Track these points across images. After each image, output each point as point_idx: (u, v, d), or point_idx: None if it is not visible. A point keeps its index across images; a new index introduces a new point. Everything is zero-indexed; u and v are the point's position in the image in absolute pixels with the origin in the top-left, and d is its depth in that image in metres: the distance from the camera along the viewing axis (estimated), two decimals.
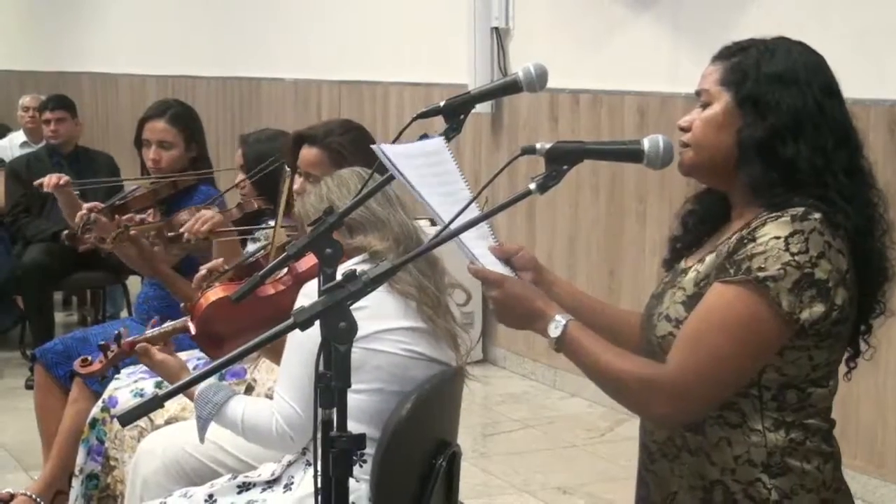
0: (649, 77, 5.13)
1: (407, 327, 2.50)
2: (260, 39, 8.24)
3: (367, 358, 2.45)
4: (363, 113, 7.03)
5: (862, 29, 4.20)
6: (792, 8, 4.44)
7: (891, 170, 4.02)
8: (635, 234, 5.18)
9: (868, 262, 1.98)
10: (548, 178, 2.00)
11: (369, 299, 2.39)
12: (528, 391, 5.68)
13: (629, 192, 5.22)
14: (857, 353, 2.08)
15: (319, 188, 2.68)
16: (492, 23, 5.94)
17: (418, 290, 2.51)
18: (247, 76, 8.33)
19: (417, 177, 2.05)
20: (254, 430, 2.50)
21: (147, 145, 4.13)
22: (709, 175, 2.06)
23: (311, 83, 7.52)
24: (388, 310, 2.48)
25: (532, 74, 2.16)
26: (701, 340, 1.91)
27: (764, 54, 2.00)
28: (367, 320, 2.42)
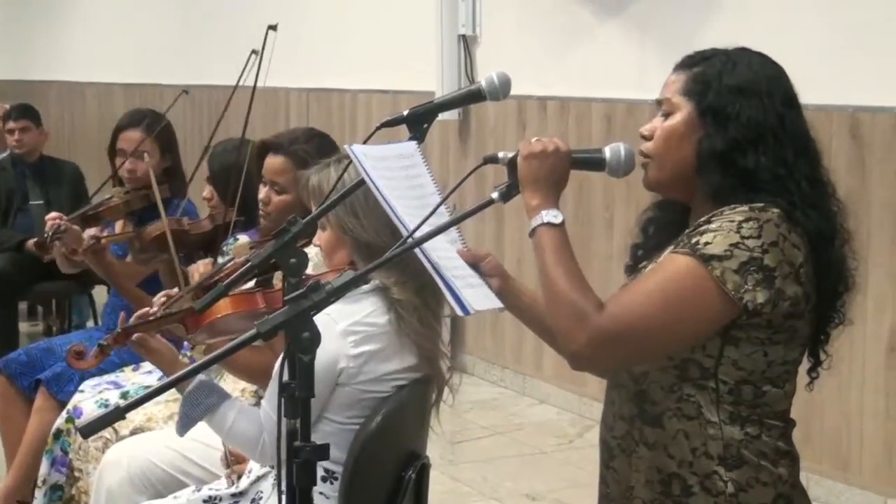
0: (616, 84, 5.16)
1: (406, 367, 2.49)
2: (227, 47, 8.22)
3: (363, 399, 2.44)
4: (331, 120, 7.03)
5: (824, 35, 4.24)
6: (758, 15, 4.47)
7: (853, 176, 4.06)
8: (603, 241, 5.21)
9: (828, 270, 2.00)
10: (510, 187, 2.02)
11: (379, 341, 2.41)
12: (497, 398, 5.68)
13: (596, 199, 5.24)
14: (817, 362, 2.10)
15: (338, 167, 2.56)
16: (459, 30, 5.96)
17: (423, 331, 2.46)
18: (214, 84, 8.30)
19: (386, 179, 2.05)
20: (238, 438, 2.46)
21: (122, 155, 4.12)
22: (673, 188, 2.08)
23: (279, 91, 7.50)
24: (393, 351, 2.46)
25: (495, 83, 2.17)
26: (641, 295, 1.93)
27: (726, 65, 2.02)
28: (376, 363, 2.43)
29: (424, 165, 2.17)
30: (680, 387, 2.00)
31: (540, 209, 2.01)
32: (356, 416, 2.44)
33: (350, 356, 2.39)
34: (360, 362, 2.40)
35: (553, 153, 2.02)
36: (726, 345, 1.96)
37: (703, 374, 1.98)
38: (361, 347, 2.40)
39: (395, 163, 2.12)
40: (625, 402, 2.07)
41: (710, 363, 1.97)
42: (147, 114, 4.26)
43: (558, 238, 2.00)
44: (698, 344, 1.96)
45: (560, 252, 1.98)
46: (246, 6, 8.02)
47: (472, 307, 1.99)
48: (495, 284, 2.14)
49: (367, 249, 2.46)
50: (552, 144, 2.03)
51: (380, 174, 2.05)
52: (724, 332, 1.95)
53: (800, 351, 2.05)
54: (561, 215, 2.01)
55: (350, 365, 2.39)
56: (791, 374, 2.04)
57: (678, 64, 2.08)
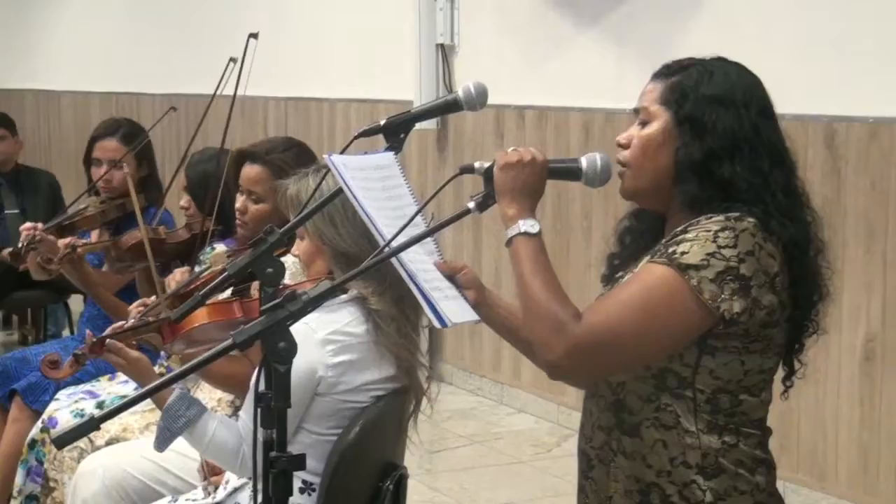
0: (594, 93, 5.17)
1: (384, 377, 2.49)
2: (205, 55, 8.20)
3: (343, 409, 2.44)
4: (310, 129, 7.02)
5: (800, 45, 4.27)
6: (735, 25, 4.50)
7: (828, 186, 4.08)
8: (581, 250, 5.22)
9: (803, 279, 2.01)
10: (487, 196, 2.03)
11: (357, 351, 2.42)
12: (475, 407, 5.68)
13: (575, 207, 5.25)
14: (791, 371, 2.12)
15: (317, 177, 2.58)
16: (437, 39, 5.97)
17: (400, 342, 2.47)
18: (193, 93, 8.29)
19: (364, 190, 2.06)
20: (218, 451, 2.46)
21: (97, 164, 4.10)
22: (650, 198, 2.09)
23: (258, 100, 7.49)
24: (371, 361, 2.46)
25: (472, 93, 2.17)
26: (618, 305, 1.94)
27: (703, 75, 2.03)
28: (354, 373, 2.43)
29: (402, 176, 2.18)
30: (657, 396, 2.00)
31: (517, 219, 2.01)
32: (334, 426, 2.44)
33: (329, 365, 2.39)
34: (338, 371, 2.40)
35: (529, 163, 2.03)
36: (703, 354, 1.97)
37: (680, 383, 1.99)
38: (340, 357, 2.40)
39: (372, 173, 2.12)
40: (602, 412, 2.08)
41: (687, 372, 1.98)
42: (123, 123, 4.25)
43: (535, 248, 2.00)
44: (675, 353, 1.97)
45: (537, 262, 1.99)
46: (224, 15, 8.01)
47: (450, 320, 1.99)
48: (471, 296, 2.15)
49: (345, 259, 2.46)
50: (529, 154, 2.04)
51: (358, 185, 2.05)
52: (701, 341, 1.96)
53: (775, 360, 2.06)
54: (538, 225, 2.01)
55: (329, 374, 2.39)
56: (767, 383, 2.05)
57: (655, 73, 2.09)
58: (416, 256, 2.06)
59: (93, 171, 4.12)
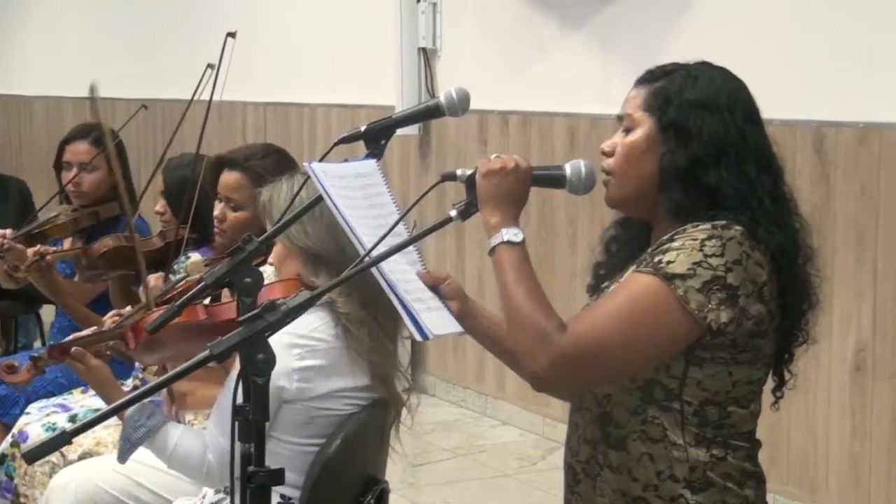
0: (580, 98, 5.19)
1: (359, 386, 2.49)
2: (181, 59, 8.20)
3: (317, 416, 2.45)
4: (289, 135, 7.02)
5: (789, 49, 4.29)
6: (722, 29, 4.52)
7: (817, 192, 4.10)
8: (566, 259, 5.23)
9: (792, 288, 2.02)
10: (469, 204, 2.03)
11: (326, 357, 2.42)
12: (458, 419, 5.68)
13: (560, 215, 5.26)
14: (782, 382, 2.12)
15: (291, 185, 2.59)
16: (419, 43, 5.97)
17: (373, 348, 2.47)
18: (169, 98, 8.28)
19: (345, 198, 2.06)
20: (182, 461, 2.47)
21: (68, 168, 4.09)
22: (635, 206, 2.10)
23: (236, 105, 7.49)
24: (342, 368, 2.47)
25: (454, 99, 2.18)
26: (604, 316, 1.94)
27: (687, 80, 2.04)
28: (324, 379, 2.43)
29: (384, 184, 2.18)
30: (644, 409, 2.01)
31: (499, 227, 2.02)
32: (312, 435, 2.44)
33: (294, 369, 2.39)
34: (305, 376, 2.41)
35: (513, 170, 2.04)
36: (690, 365, 1.98)
37: (667, 395, 1.99)
38: (306, 361, 2.41)
39: (354, 181, 2.13)
40: (588, 425, 2.08)
41: (674, 384, 1.99)
42: (95, 126, 4.23)
43: (519, 257, 2.00)
44: (662, 365, 1.97)
45: (521, 271, 1.99)
46: (200, 19, 8.00)
47: (432, 332, 2.00)
48: (455, 307, 2.15)
49: (310, 257, 2.48)
50: (512, 161, 2.04)
51: (339, 193, 2.06)
52: (688, 352, 1.97)
53: (764, 371, 2.06)
54: (521, 233, 2.02)
55: (294, 379, 2.40)
56: (756, 394, 2.06)
57: (639, 79, 2.10)
58: (398, 266, 2.06)
59: (63, 175, 4.11)
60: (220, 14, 7.75)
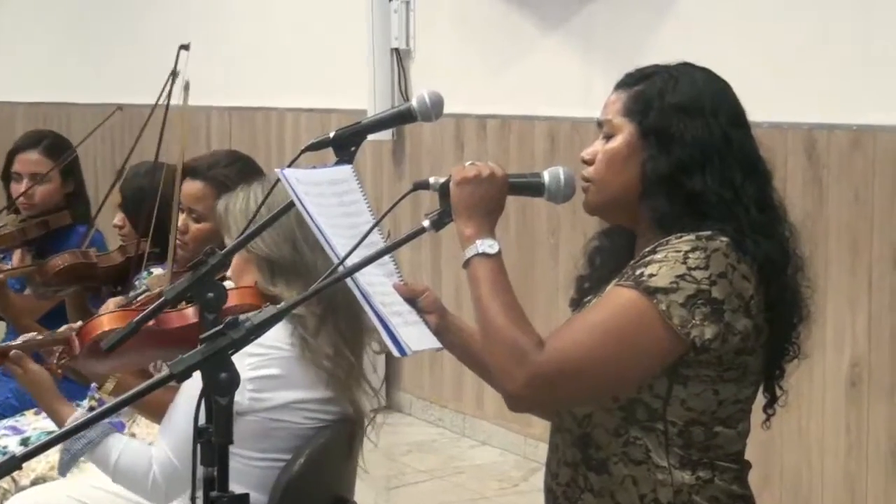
0: (560, 101, 5.20)
1: (318, 398, 2.49)
2: (142, 63, 8.17)
3: (274, 429, 2.44)
4: (256, 141, 7.01)
5: (778, 49, 4.31)
6: (707, 28, 4.53)
7: (809, 198, 4.12)
8: (547, 270, 5.23)
9: (780, 301, 2.02)
10: (443, 214, 2.03)
11: (281, 366, 2.42)
12: (435, 439, 5.67)
13: (540, 223, 5.27)
14: (773, 399, 2.12)
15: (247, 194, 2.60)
16: (392, 43, 5.97)
17: (333, 359, 2.47)
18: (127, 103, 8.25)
19: (319, 206, 2.06)
20: (126, 475, 2.47)
21: (17, 179, 4.06)
22: (615, 213, 2.10)
23: (200, 109, 7.47)
24: (299, 378, 2.47)
25: (427, 103, 2.18)
26: (582, 331, 1.95)
27: (668, 83, 2.05)
28: (279, 390, 2.44)
29: (360, 191, 2.19)
30: (626, 430, 2.01)
31: (474, 238, 2.02)
32: (268, 450, 2.44)
33: (246, 380, 2.39)
34: (259, 386, 2.42)
35: (488, 178, 2.04)
36: (674, 384, 1.98)
37: (650, 415, 1.99)
38: (261, 371, 2.42)
39: (328, 188, 2.13)
40: (568, 448, 2.08)
41: (657, 404, 1.99)
42: (47, 134, 4.21)
43: (494, 269, 2.01)
44: (644, 383, 1.98)
45: (496, 284, 1.99)
46: (163, 20, 7.98)
47: (410, 347, 2.00)
48: (433, 321, 2.15)
49: (267, 265, 2.50)
50: (487, 169, 2.04)
51: (313, 200, 2.06)
52: (672, 370, 1.97)
53: (753, 388, 2.07)
54: (497, 245, 2.02)
55: (247, 388, 2.40)
56: (744, 413, 2.06)
57: (618, 83, 2.11)
58: (374, 279, 2.06)
59: (12, 186, 4.08)
60: (182, 16, 7.74)
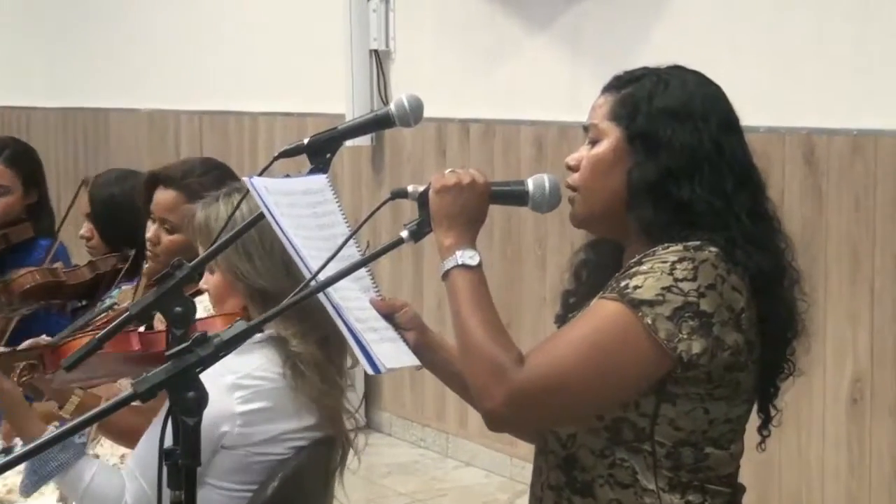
0: (547, 104, 5.21)
1: (305, 426, 2.49)
2: (107, 64, 8.16)
3: (256, 462, 2.44)
4: (228, 147, 6.99)
5: (774, 52, 4.32)
6: (701, 30, 4.55)
7: (809, 206, 4.13)
8: (534, 283, 5.23)
9: (775, 314, 2.02)
10: (422, 224, 2.03)
11: (271, 398, 2.41)
12: (417, 460, 5.67)
13: (527, 234, 5.27)
14: (767, 419, 2.12)
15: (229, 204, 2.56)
16: (370, 45, 5.98)
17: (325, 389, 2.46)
18: (92, 106, 8.23)
19: (290, 217, 2.05)
20: (95, 500, 2.45)
21: None
22: (603, 225, 2.11)
23: (168, 114, 7.46)
24: (288, 409, 2.46)
25: (405, 107, 2.18)
26: (564, 346, 1.95)
27: (657, 86, 2.05)
28: (268, 423, 2.43)
29: (336, 202, 2.18)
30: (612, 451, 2.01)
31: (454, 249, 2.02)
32: (247, 480, 2.44)
33: (236, 414, 2.39)
34: (248, 420, 2.40)
35: (469, 186, 2.04)
36: (662, 402, 1.98)
37: (637, 435, 1.99)
38: (250, 405, 2.40)
39: (301, 198, 2.12)
40: (552, 470, 2.08)
41: (644, 423, 1.99)
42: (8, 142, 4.20)
43: (474, 282, 2.01)
44: (630, 401, 1.98)
45: (476, 298, 1.99)
46: (129, 21, 7.96)
47: (384, 365, 1.99)
48: (412, 338, 2.15)
49: (262, 297, 2.46)
50: (468, 177, 2.05)
51: (284, 211, 2.05)
52: (659, 387, 1.97)
53: (745, 407, 2.06)
54: (478, 256, 2.02)
55: (237, 424, 2.39)
56: (736, 434, 2.06)
57: (606, 85, 2.11)
58: (349, 293, 2.06)
59: None
60: (149, 15, 7.73)
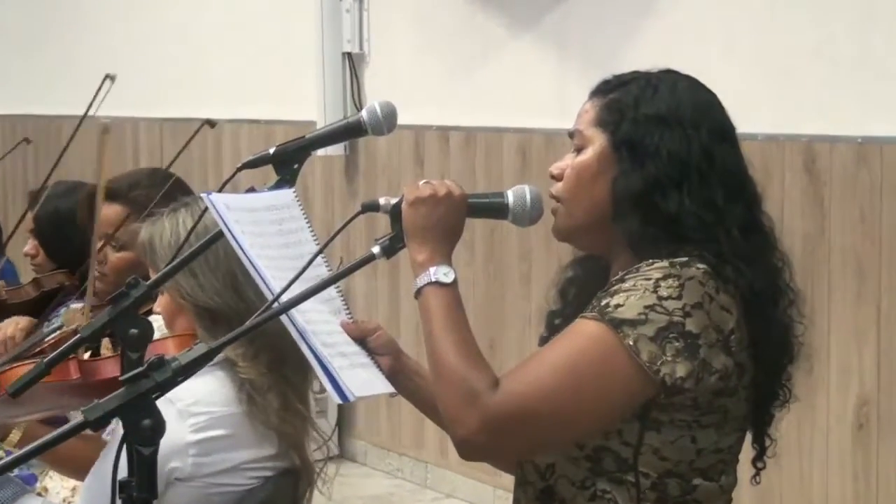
0: (532, 110, 5.22)
1: (266, 455, 2.49)
2: (60, 68, 8.15)
3: (216, 494, 2.43)
4: (191, 157, 6.97)
5: (772, 55, 4.34)
6: (695, 32, 4.56)
7: (810, 220, 4.13)
8: (518, 301, 5.23)
9: (768, 337, 2.03)
10: (394, 239, 2.04)
11: (228, 426, 2.41)
12: (393, 492, 5.67)
13: (510, 249, 5.28)
14: (762, 450, 2.13)
15: (175, 222, 2.58)
16: (343, 47, 5.99)
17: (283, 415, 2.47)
18: (43, 114, 8.22)
19: (253, 236, 2.05)
20: None
21: None
22: (588, 239, 2.12)
23: (126, 121, 7.46)
24: (247, 437, 2.46)
25: (378, 114, 2.19)
26: (541, 369, 1.95)
27: (645, 91, 2.06)
28: (226, 452, 2.43)
29: (304, 218, 2.18)
30: (593, 482, 2.01)
31: (428, 265, 2.03)
32: None
33: (189, 443, 2.39)
34: (203, 450, 2.40)
35: (444, 198, 2.05)
36: (646, 430, 1.98)
37: (620, 465, 1.99)
38: (205, 433, 2.41)
39: (266, 215, 2.12)
40: (531, 502, 2.08)
41: (627, 452, 1.99)
42: None
43: (449, 300, 2.02)
44: (612, 428, 1.98)
45: (450, 318, 2.00)
46: (81, 22, 7.96)
47: (353, 393, 2.00)
48: (386, 364, 2.15)
49: (208, 315, 2.46)
50: (443, 188, 2.05)
51: (246, 229, 2.05)
52: (643, 413, 1.97)
53: (737, 436, 2.06)
54: (453, 273, 2.03)
55: (190, 454, 2.39)
56: (728, 464, 2.06)
57: (593, 90, 2.12)
58: (317, 316, 2.06)
59: None
60: (104, 16, 7.71)
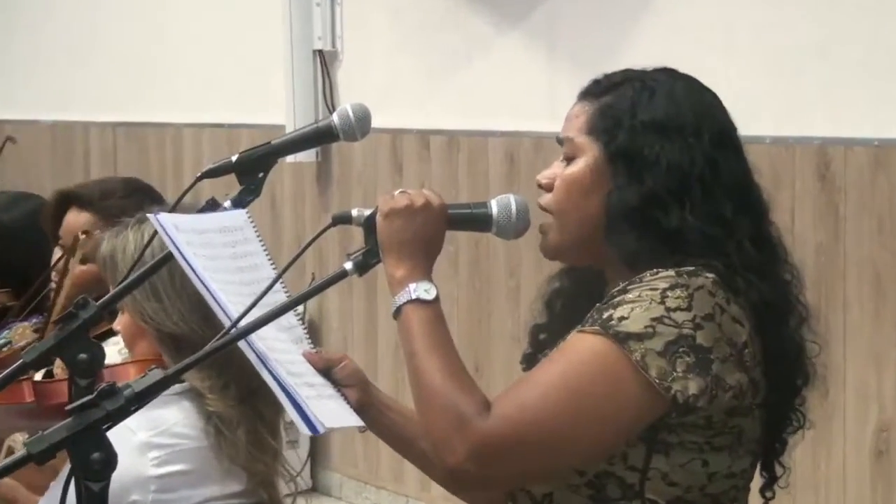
0: (520, 112, 5.22)
1: (232, 492, 2.49)
2: (4, 70, 8.14)
3: None
4: (147, 164, 6.98)
5: (778, 52, 4.34)
6: (693, 27, 4.57)
7: (824, 230, 4.13)
8: (506, 317, 5.23)
9: (781, 353, 2.03)
10: (368, 253, 2.03)
11: (191, 460, 2.42)
12: None
13: (497, 263, 5.28)
14: (772, 479, 2.13)
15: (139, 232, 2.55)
16: (314, 44, 5.99)
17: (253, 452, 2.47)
18: None
19: (206, 258, 2.06)
20: None
21: None
22: (580, 256, 2.12)
23: (76, 126, 7.45)
24: (213, 472, 2.46)
25: (350, 118, 2.19)
26: (537, 389, 1.95)
27: (641, 94, 2.06)
28: (189, 488, 2.43)
29: (258, 240, 2.19)
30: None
31: (406, 282, 2.03)
32: None
33: (151, 478, 2.38)
34: (164, 485, 2.40)
35: (421, 209, 2.04)
36: (653, 453, 1.98)
37: (625, 492, 2.00)
38: (167, 467, 2.40)
39: (217, 237, 2.14)
40: None
41: (633, 478, 1.99)
42: None
43: (431, 319, 2.02)
44: (617, 452, 1.98)
45: (434, 337, 2.00)
46: (27, 17, 7.95)
47: (323, 424, 1.99)
48: (353, 396, 2.15)
49: (172, 341, 2.47)
50: (421, 198, 2.05)
51: (196, 251, 2.06)
52: (650, 435, 1.97)
53: (750, 460, 2.07)
54: (434, 289, 2.03)
55: (151, 490, 2.38)
56: (740, 491, 2.06)
57: (583, 91, 2.12)
58: (279, 345, 2.06)
59: None
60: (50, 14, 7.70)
